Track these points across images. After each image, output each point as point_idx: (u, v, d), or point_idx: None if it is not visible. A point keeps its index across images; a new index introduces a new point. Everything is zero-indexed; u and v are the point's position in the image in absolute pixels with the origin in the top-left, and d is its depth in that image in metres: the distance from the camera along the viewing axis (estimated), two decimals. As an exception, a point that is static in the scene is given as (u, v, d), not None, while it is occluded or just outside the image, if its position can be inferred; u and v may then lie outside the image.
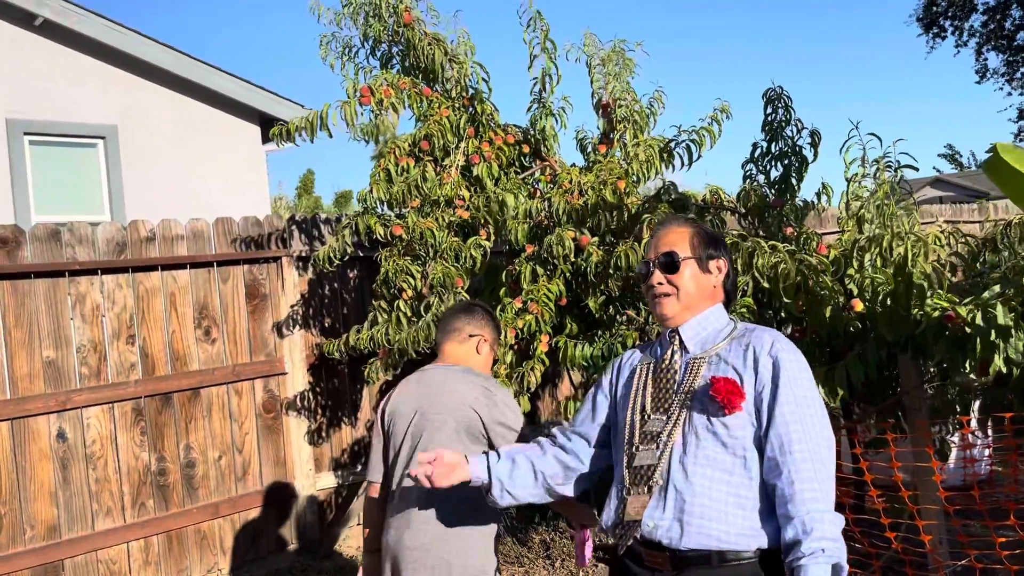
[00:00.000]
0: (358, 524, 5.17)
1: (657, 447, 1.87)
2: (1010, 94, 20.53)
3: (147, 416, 4.40)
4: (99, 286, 4.29)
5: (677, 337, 1.98)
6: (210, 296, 4.66)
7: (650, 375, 1.99)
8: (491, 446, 2.47)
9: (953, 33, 20.62)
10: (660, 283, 1.97)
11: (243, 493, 4.71)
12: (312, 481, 4.94)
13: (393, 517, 2.50)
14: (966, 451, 3.61)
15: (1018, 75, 20.04)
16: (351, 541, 5.06)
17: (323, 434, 5.06)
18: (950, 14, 20.43)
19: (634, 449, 1.91)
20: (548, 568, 4.39)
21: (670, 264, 1.96)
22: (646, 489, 1.86)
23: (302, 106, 8.36)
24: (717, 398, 1.80)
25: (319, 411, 5.04)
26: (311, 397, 4.99)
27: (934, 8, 20.64)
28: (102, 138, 7.37)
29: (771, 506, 1.81)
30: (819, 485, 1.74)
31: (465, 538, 2.41)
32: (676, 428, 1.87)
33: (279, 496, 4.84)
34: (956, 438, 3.54)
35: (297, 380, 4.91)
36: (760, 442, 1.82)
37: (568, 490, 2.15)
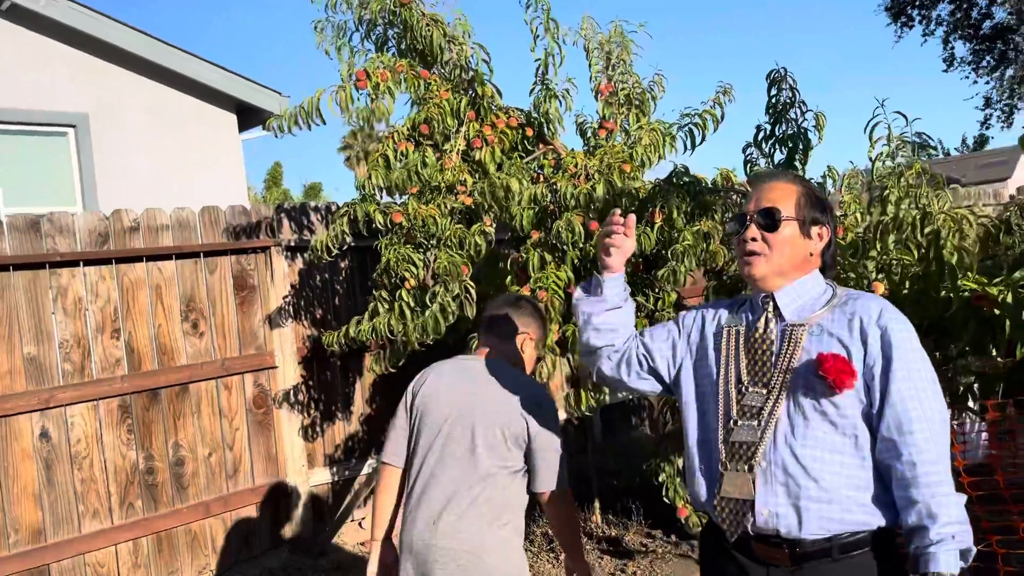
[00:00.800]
0: (353, 520, 5.04)
1: (758, 424, 1.75)
2: (976, 82, 20.82)
3: (134, 413, 4.22)
4: (81, 278, 4.11)
5: (771, 303, 1.83)
6: (197, 288, 4.49)
7: (742, 342, 1.85)
8: (528, 457, 2.38)
9: (921, 22, 20.84)
10: (754, 239, 1.81)
11: (234, 491, 4.56)
12: (305, 477, 4.80)
13: (417, 510, 2.38)
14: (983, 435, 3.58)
15: (984, 63, 20.32)
16: (346, 538, 4.94)
17: (316, 429, 4.92)
18: (917, 3, 20.63)
19: (731, 423, 1.79)
20: (553, 562, 4.30)
21: (769, 222, 1.80)
22: (747, 468, 1.74)
23: (280, 94, 8.16)
24: (827, 378, 1.68)
25: (311, 405, 4.89)
26: (303, 391, 4.84)
27: (901, -3, 20.82)
28: (73, 126, 7.11)
29: (883, 486, 1.71)
30: (941, 466, 1.64)
31: (502, 540, 2.32)
32: (779, 405, 1.75)
33: (271, 493, 4.70)
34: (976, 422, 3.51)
35: (288, 374, 4.76)
36: (870, 419, 1.71)
37: (608, 367, 2.01)
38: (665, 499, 3.78)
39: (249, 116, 8.19)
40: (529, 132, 4.05)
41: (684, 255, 3.21)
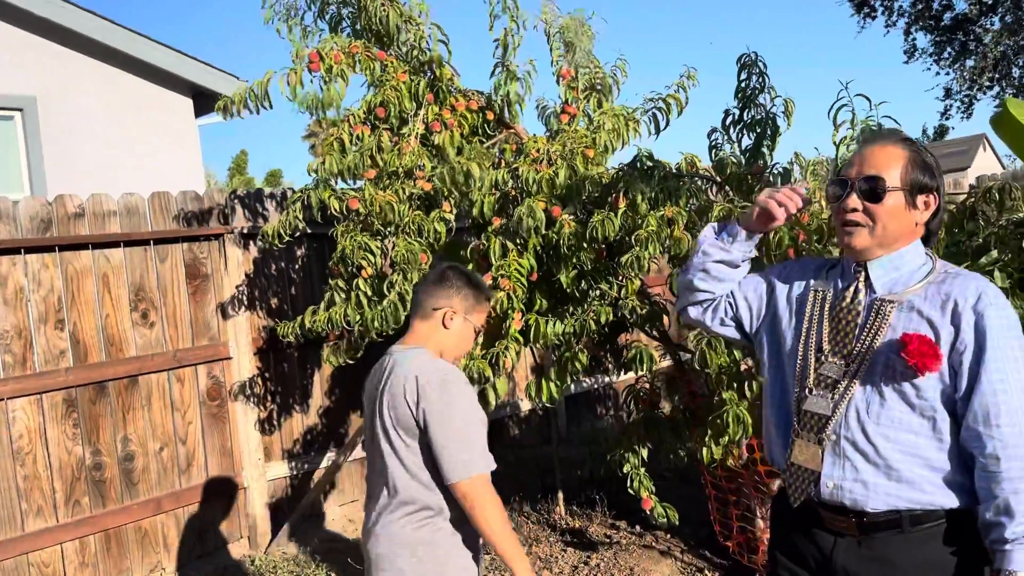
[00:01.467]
0: (313, 514, 4.92)
1: (833, 396, 1.71)
2: (937, 73, 21.10)
3: (80, 407, 4.06)
4: (23, 267, 3.93)
5: (863, 273, 1.75)
6: (147, 277, 4.32)
7: (826, 308, 1.79)
8: (427, 444, 2.12)
9: (883, 13, 21.03)
10: (855, 209, 1.70)
11: (187, 486, 4.42)
12: (262, 471, 4.67)
13: (367, 505, 2.30)
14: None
15: (945, 54, 20.57)
16: (305, 532, 4.82)
17: (273, 422, 4.79)
18: (880, -6, 20.80)
19: (806, 391, 1.75)
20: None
21: (872, 192, 1.69)
22: (816, 439, 1.72)
23: (237, 78, 7.94)
24: (909, 361, 1.61)
25: (268, 398, 4.76)
26: (259, 383, 4.70)
27: (864, -13, 20.98)
28: (19, 110, 6.86)
29: (964, 468, 1.66)
30: None
31: (418, 541, 2.15)
32: (855, 381, 1.70)
33: (226, 488, 4.56)
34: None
35: (243, 365, 4.62)
36: (952, 403, 1.64)
37: (697, 311, 2.00)
38: (630, 490, 3.72)
39: (207, 101, 7.96)
40: (490, 116, 3.94)
41: (647, 241, 3.14)
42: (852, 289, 1.76)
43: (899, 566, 1.67)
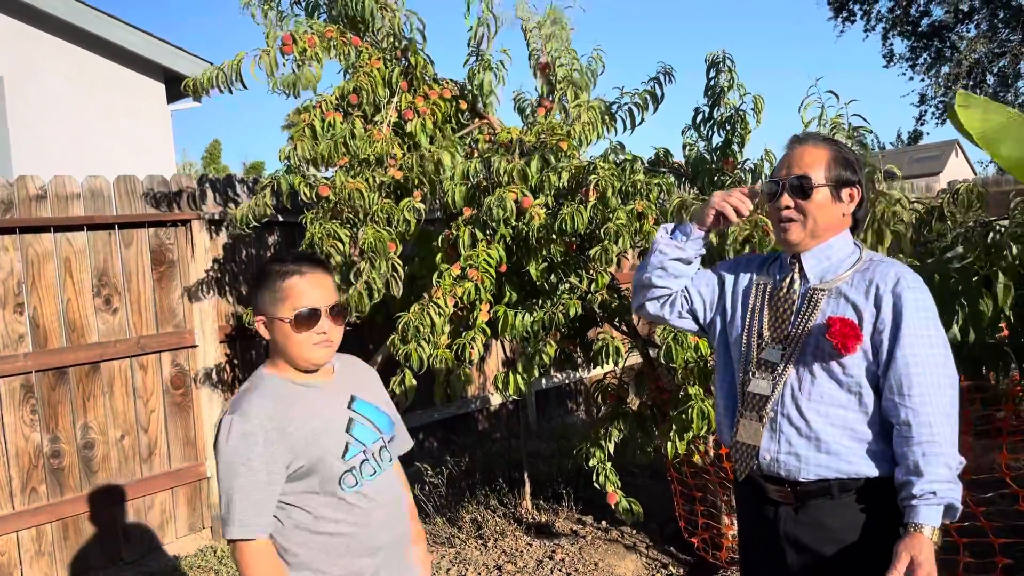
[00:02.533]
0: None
1: (773, 378, 1.89)
2: (912, 79, 21.32)
3: (38, 393, 3.98)
4: (-19, 248, 3.83)
5: (797, 264, 1.93)
6: (111, 261, 4.24)
7: (767, 298, 1.97)
8: None
9: (862, 18, 21.22)
10: (788, 207, 1.89)
11: (148, 476, 4.34)
12: (226, 461, 4.59)
13: None
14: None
15: (921, 60, 20.81)
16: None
17: (238, 411, 4.72)
18: (859, -1, 20.99)
19: (749, 374, 1.94)
20: (480, 548, 4.20)
21: (801, 189, 1.87)
22: (757, 417, 1.90)
23: (211, 63, 7.81)
24: (833, 341, 1.79)
25: (234, 385, 4.69)
26: (226, 371, 4.64)
27: (844, -8, 21.16)
28: (-14, 90, 6.70)
29: (886, 438, 1.83)
30: (936, 429, 1.74)
31: None
32: (791, 362, 1.88)
33: (189, 478, 4.49)
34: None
35: (209, 353, 4.55)
36: (876, 378, 1.82)
37: (655, 307, 2.13)
38: (596, 484, 3.71)
39: (179, 85, 7.83)
40: (463, 105, 3.91)
41: (617, 235, 3.12)
42: (789, 280, 1.95)
43: (830, 527, 1.86)
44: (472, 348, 3.23)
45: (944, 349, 1.81)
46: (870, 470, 1.83)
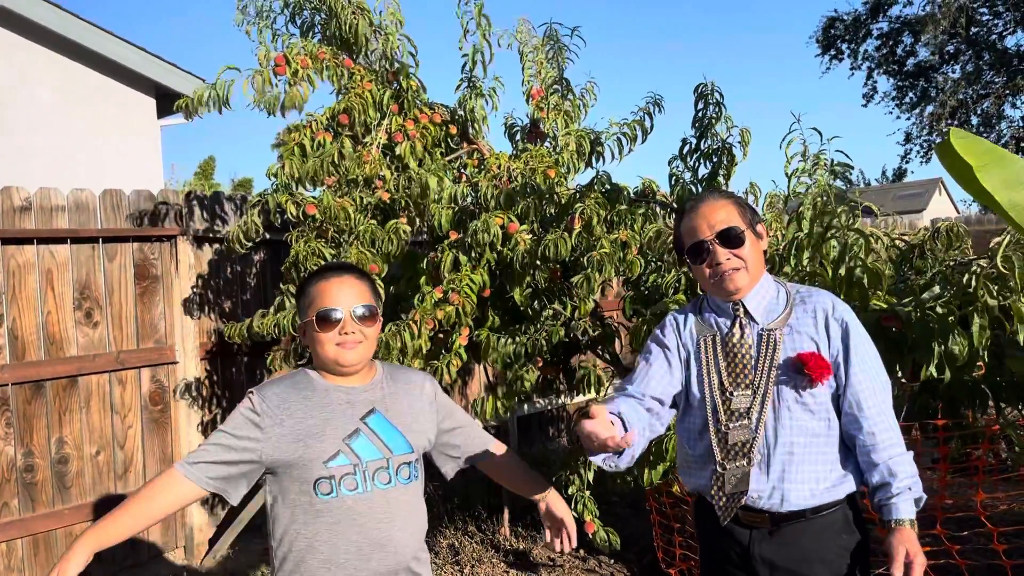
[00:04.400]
0: (255, 524, 4.80)
1: (749, 423, 1.93)
2: (898, 118, 21.64)
3: (13, 406, 3.93)
4: (-38, 258, 3.81)
5: (742, 308, 1.98)
6: (93, 275, 4.22)
7: (719, 349, 2.00)
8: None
9: (849, 56, 21.56)
10: (728, 259, 1.95)
11: (123, 492, 4.29)
12: (202, 480, 4.54)
13: None
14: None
15: (907, 99, 21.13)
16: (250, 543, 4.70)
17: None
18: (847, 37, 21.34)
19: (723, 427, 1.96)
20: (457, 574, 4.16)
21: (735, 238, 1.94)
22: (746, 462, 1.93)
23: (203, 80, 7.84)
24: (812, 375, 1.87)
25: (214, 402, 4.65)
26: (206, 387, 4.60)
27: (832, 31, 21.52)
28: (-26, 99, 6.68)
29: (848, 453, 1.95)
30: (893, 433, 1.90)
31: None
32: (767, 403, 1.93)
33: (164, 496, 4.43)
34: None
35: (189, 369, 4.52)
36: (836, 400, 1.94)
37: (643, 444, 2.04)
38: (574, 513, 3.69)
39: (172, 103, 7.82)
40: (453, 130, 3.93)
41: (601, 263, 3.14)
42: (737, 326, 1.98)
43: (803, 546, 1.94)
44: (447, 372, 3.22)
45: (877, 358, 1.96)
46: (842, 492, 1.94)
